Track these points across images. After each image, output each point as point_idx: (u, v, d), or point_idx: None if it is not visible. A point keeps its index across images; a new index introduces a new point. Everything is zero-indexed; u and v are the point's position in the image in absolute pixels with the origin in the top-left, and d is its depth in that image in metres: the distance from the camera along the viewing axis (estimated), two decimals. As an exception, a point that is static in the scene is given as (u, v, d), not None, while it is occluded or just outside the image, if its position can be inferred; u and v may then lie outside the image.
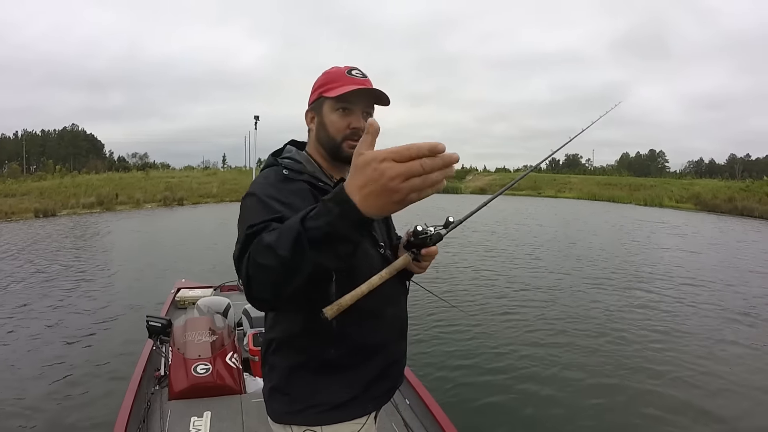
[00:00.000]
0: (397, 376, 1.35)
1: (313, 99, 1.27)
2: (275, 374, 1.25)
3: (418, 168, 0.73)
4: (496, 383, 4.40)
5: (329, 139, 1.24)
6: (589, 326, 6.04)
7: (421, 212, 11.56)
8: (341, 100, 1.21)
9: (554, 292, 7.88)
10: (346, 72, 1.24)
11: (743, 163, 77.52)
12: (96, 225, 17.87)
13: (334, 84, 1.22)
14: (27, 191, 24.86)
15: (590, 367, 4.78)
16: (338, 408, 1.20)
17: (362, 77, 1.24)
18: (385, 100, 1.24)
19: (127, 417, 2.45)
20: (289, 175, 1.20)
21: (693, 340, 5.57)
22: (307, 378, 1.21)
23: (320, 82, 1.26)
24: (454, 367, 4.74)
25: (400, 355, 1.35)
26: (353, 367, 1.22)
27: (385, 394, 1.31)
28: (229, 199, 29.70)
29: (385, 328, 1.27)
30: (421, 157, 0.74)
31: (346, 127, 1.22)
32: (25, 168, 60.30)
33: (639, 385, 4.37)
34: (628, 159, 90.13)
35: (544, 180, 49.33)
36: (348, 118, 1.22)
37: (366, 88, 1.21)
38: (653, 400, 4.09)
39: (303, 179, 1.20)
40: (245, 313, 3.58)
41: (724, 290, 8.10)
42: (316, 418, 1.20)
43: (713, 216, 24.33)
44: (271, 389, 1.27)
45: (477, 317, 6.36)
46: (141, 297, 7.23)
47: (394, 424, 2.53)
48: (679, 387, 4.33)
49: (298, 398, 1.21)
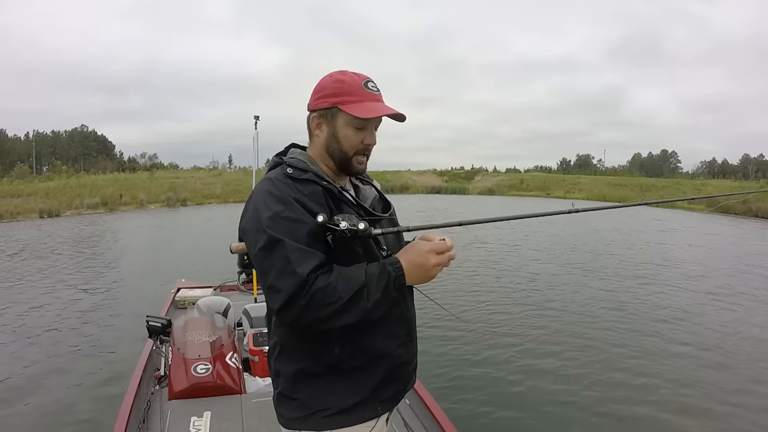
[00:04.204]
0: (407, 379, 1.33)
1: (323, 106, 1.23)
2: (281, 380, 1.25)
3: (447, 261, 1.18)
4: (496, 383, 4.39)
5: (341, 153, 1.24)
6: (590, 324, 5.98)
7: (423, 212, 11.42)
8: (360, 118, 1.20)
9: (554, 292, 7.83)
10: (362, 84, 1.22)
11: (757, 163, 76.48)
12: (97, 225, 18.07)
13: (353, 98, 1.20)
14: (33, 192, 25.22)
15: (590, 363, 4.75)
16: (346, 412, 1.20)
17: (377, 91, 1.24)
18: (403, 119, 1.27)
19: (127, 417, 2.45)
20: (293, 173, 1.20)
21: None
22: (312, 383, 1.21)
23: (334, 90, 1.22)
24: (454, 367, 4.73)
25: (408, 358, 1.32)
26: (359, 370, 1.22)
27: (394, 397, 1.30)
28: (233, 200, 29.84)
29: (390, 330, 1.25)
30: (447, 251, 1.17)
31: (360, 143, 1.24)
32: (35, 168, 61.01)
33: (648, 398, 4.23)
34: (639, 159, 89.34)
35: (553, 180, 48.96)
36: (362, 133, 1.23)
37: (394, 114, 1.23)
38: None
39: (307, 177, 1.20)
40: (245, 313, 3.56)
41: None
42: (324, 422, 1.20)
43: (727, 218, 23.91)
44: (278, 395, 1.27)
45: (477, 317, 6.34)
46: (141, 297, 7.26)
47: (394, 424, 2.50)
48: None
49: (305, 403, 1.21)
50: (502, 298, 7.46)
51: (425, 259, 1.14)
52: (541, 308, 6.84)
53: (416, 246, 1.17)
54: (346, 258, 1.15)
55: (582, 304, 7.07)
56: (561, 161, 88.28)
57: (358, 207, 1.26)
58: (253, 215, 1.16)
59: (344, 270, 1.12)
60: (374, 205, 1.36)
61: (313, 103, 1.25)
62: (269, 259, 1.09)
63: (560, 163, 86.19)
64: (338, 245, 1.14)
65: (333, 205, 1.20)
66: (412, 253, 1.16)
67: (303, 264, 1.07)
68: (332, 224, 1.10)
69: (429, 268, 1.15)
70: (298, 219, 1.12)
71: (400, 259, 1.16)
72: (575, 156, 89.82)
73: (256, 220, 1.14)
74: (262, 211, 1.14)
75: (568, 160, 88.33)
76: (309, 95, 1.28)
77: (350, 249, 1.17)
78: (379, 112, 1.21)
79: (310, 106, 1.27)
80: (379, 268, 1.13)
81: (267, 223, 1.11)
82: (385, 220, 1.33)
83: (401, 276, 1.14)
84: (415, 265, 1.15)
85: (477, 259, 10.81)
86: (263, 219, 1.12)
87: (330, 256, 1.13)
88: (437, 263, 1.15)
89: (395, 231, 1.22)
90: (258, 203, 1.16)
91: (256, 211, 1.15)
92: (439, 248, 1.15)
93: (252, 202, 1.19)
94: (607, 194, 39.00)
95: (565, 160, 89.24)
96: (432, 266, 1.15)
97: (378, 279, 1.11)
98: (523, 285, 8.34)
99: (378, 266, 1.14)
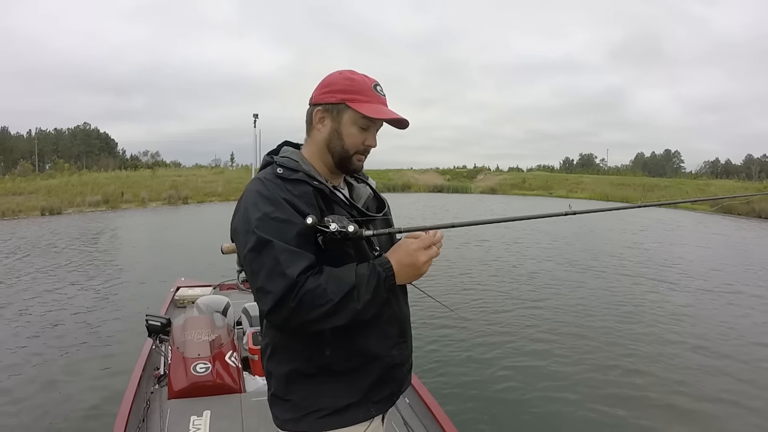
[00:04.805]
0: (401, 380, 1.31)
1: (331, 101, 1.22)
2: (274, 381, 1.26)
3: (436, 253, 1.19)
4: (496, 381, 4.39)
5: (343, 150, 1.24)
6: (590, 323, 5.96)
7: (424, 211, 11.42)
8: (368, 118, 1.21)
9: (553, 290, 7.82)
10: (372, 86, 1.23)
11: (760, 163, 76.10)
12: (98, 223, 18.04)
13: (362, 97, 1.21)
14: (35, 189, 25.14)
15: (590, 362, 4.74)
16: (339, 413, 1.20)
17: (384, 95, 1.26)
18: (405, 126, 1.28)
19: (127, 416, 2.44)
20: (283, 173, 1.19)
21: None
22: (305, 384, 1.21)
23: (344, 86, 1.22)
24: (453, 365, 4.72)
25: (402, 359, 1.30)
26: (352, 372, 1.21)
27: (388, 398, 1.29)
28: (234, 198, 29.69)
29: (382, 331, 1.24)
30: (433, 244, 1.18)
31: (361, 143, 1.25)
32: (38, 166, 61.10)
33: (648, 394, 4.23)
34: (642, 159, 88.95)
35: (555, 180, 48.85)
36: (365, 134, 1.24)
37: (398, 119, 1.23)
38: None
39: (297, 177, 1.20)
40: (244, 311, 3.55)
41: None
42: (318, 423, 1.20)
43: (730, 218, 23.79)
44: (272, 396, 1.27)
45: (476, 315, 6.32)
46: (140, 295, 7.24)
47: (393, 423, 2.48)
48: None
49: (298, 404, 1.21)
50: (502, 295, 7.44)
51: (414, 257, 1.16)
52: (540, 307, 6.82)
53: (404, 245, 1.18)
54: (337, 259, 1.14)
55: (582, 303, 7.05)
56: (564, 161, 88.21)
57: (351, 207, 1.25)
58: (242, 216, 1.15)
59: (334, 271, 1.11)
60: (368, 204, 1.35)
61: (319, 96, 1.24)
62: (259, 261, 1.09)
63: (563, 163, 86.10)
64: (329, 246, 1.13)
65: (324, 206, 1.19)
66: (401, 252, 1.17)
67: (293, 265, 1.06)
68: (322, 226, 1.09)
69: (419, 266, 1.16)
70: (288, 220, 1.11)
71: (390, 258, 1.17)
72: (578, 155, 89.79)
73: (246, 221, 1.13)
74: (251, 211, 1.13)
75: (571, 160, 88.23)
76: (310, 96, 1.28)
77: (341, 250, 1.16)
78: (387, 115, 1.22)
79: (315, 99, 1.25)
80: (369, 269, 1.13)
81: (256, 224, 1.11)
82: (379, 220, 1.32)
83: (391, 276, 1.15)
84: (404, 264, 1.16)
85: (476, 257, 10.79)
86: (252, 220, 1.12)
87: (321, 257, 1.12)
88: (426, 260, 1.17)
89: (387, 233, 1.21)
90: (248, 204, 1.15)
91: (245, 212, 1.14)
92: (427, 243, 1.17)
93: (242, 202, 1.18)
94: (609, 194, 38.85)
95: (568, 159, 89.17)
96: (422, 264, 1.16)
97: (368, 280, 1.11)
98: (523, 283, 8.31)
99: (368, 267, 1.14)
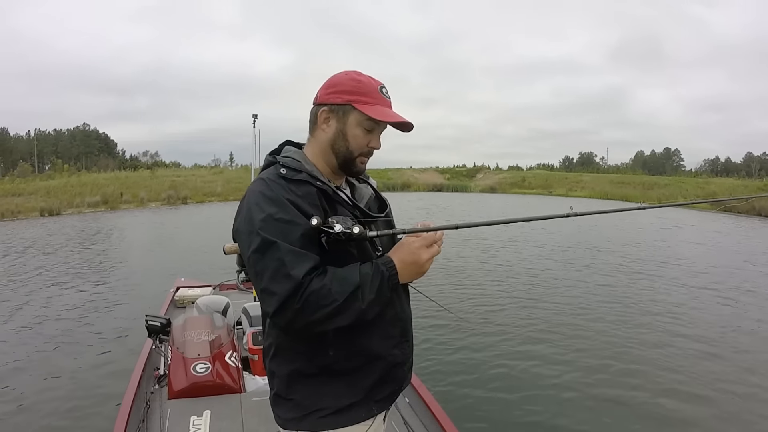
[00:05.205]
0: (402, 379, 1.32)
1: (337, 101, 1.22)
2: (276, 381, 1.26)
3: (438, 251, 1.20)
4: (495, 380, 4.39)
5: (347, 152, 1.24)
6: (590, 322, 5.97)
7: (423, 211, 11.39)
8: (374, 120, 1.21)
9: (553, 289, 7.82)
10: (378, 88, 1.24)
11: (760, 161, 76.13)
12: (97, 224, 18.05)
13: (369, 99, 1.21)
14: (34, 190, 25.16)
15: (591, 360, 4.75)
16: (341, 412, 1.21)
17: (389, 98, 1.26)
18: (409, 129, 1.28)
19: (127, 416, 2.45)
20: (286, 174, 1.19)
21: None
22: (307, 384, 1.21)
23: (351, 87, 1.22)
24: (453, 364, 4.72)
25: (403, 358, 1.31)
26: (354, 372, 1.22)
27: (389, 397, 1.30)
28: (233, 198, 29.86)
29: (384, 332, 1.24)
30: (435, 242, 1.19)
31: (366, 145, 1.25)
32: (37, 167, 61.07)
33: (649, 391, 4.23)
34: (642, 157, 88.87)
35: (555, 178, 48.83)
36: (369, 136, 1.25)
37: (403, 122, 1.24)
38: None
39: (301, 178, 1.19)
40: (244, 311, 3.56)
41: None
42: (320, 422, 1.21)
43: (730, 216, 23.80)
44: (274, 396, 1.27)
45: (475, 314, 6.32)
46: (140, 296, 7.25)
47: (393, 423, 2.49)
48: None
49: (301, 404, 1.21)
50: (501, 295, 7.44)
51: (417, 256, 1.17)
52: (540, 306, 6.81)
53: (406, 243, 1.19)
54: (340, 259, 1.14)
55: (582, 302, 7.05)
56: (563, 159, 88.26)
57: (354, 207, 1.25)
58: (246, 217, 1.14)
59: (338, 271, 1.11)
60: (370, 204, 1.35)
61: (325, 96, 1.24)
62: (263, 262, 1.09)
63: (563, 161, 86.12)
64: (332, 247, 1.12)
65: (327, 206, 1.19)
66: (404, 251, 1.18)
67: (298, 267, 1.06)
68: (327, 227, 1.09)
69: (421, 263, 1.17)
70: (292, 221, 1.10)
71: (393, 257, 1.18)
72: (578, 154, 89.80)
73: (249, 222, 1.12)
74: (255, 212, 1.12)
75: (571, 158, 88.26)
76: (312, 96, 1.27)
77: (344, 250, 1.16)
78: (393, 118, 1.22)
79: (320, 99, 1.25)
80: (373, 268, 1.14)
81: (260, 225, 1.10)
82: (381, 221, 1.32)
83: (395, 275, 1.16)
84: (407, 263, 1.17)
85: (475, 256, 10.79)
86: (256, 221, 1.11)
87: (324, 257, 1.12)
88: (429, 258, 1.18)
89: (390, 233, 1.20)
90: (251, 204, 1.15)
91: (249, 213, 1.14)
92: (428, 241, 1.18)
93: (245, 202, 1.18)
94: (609, 192, 38.83)
95: (568, 157, 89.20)
96: (424, 262, 1.18)
97: (372, 279, 1.12)
98: (522, 282, 8.32)
99: (371, 266, 1.14)
